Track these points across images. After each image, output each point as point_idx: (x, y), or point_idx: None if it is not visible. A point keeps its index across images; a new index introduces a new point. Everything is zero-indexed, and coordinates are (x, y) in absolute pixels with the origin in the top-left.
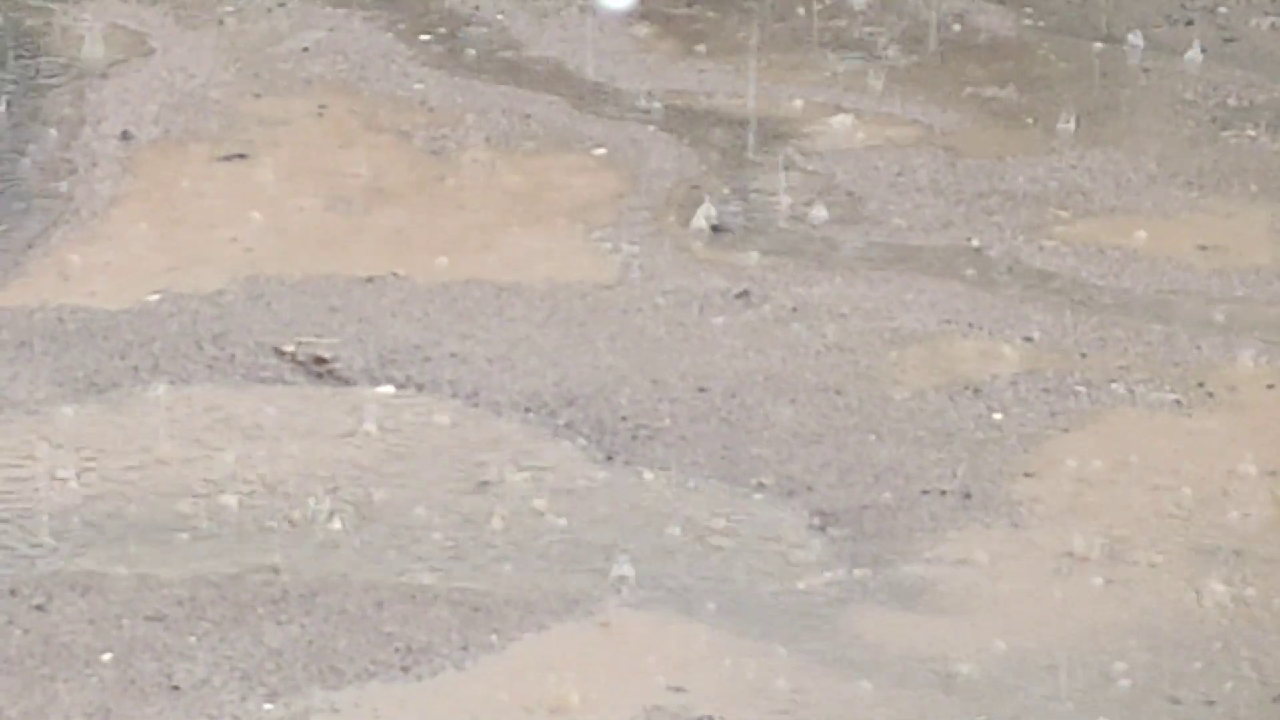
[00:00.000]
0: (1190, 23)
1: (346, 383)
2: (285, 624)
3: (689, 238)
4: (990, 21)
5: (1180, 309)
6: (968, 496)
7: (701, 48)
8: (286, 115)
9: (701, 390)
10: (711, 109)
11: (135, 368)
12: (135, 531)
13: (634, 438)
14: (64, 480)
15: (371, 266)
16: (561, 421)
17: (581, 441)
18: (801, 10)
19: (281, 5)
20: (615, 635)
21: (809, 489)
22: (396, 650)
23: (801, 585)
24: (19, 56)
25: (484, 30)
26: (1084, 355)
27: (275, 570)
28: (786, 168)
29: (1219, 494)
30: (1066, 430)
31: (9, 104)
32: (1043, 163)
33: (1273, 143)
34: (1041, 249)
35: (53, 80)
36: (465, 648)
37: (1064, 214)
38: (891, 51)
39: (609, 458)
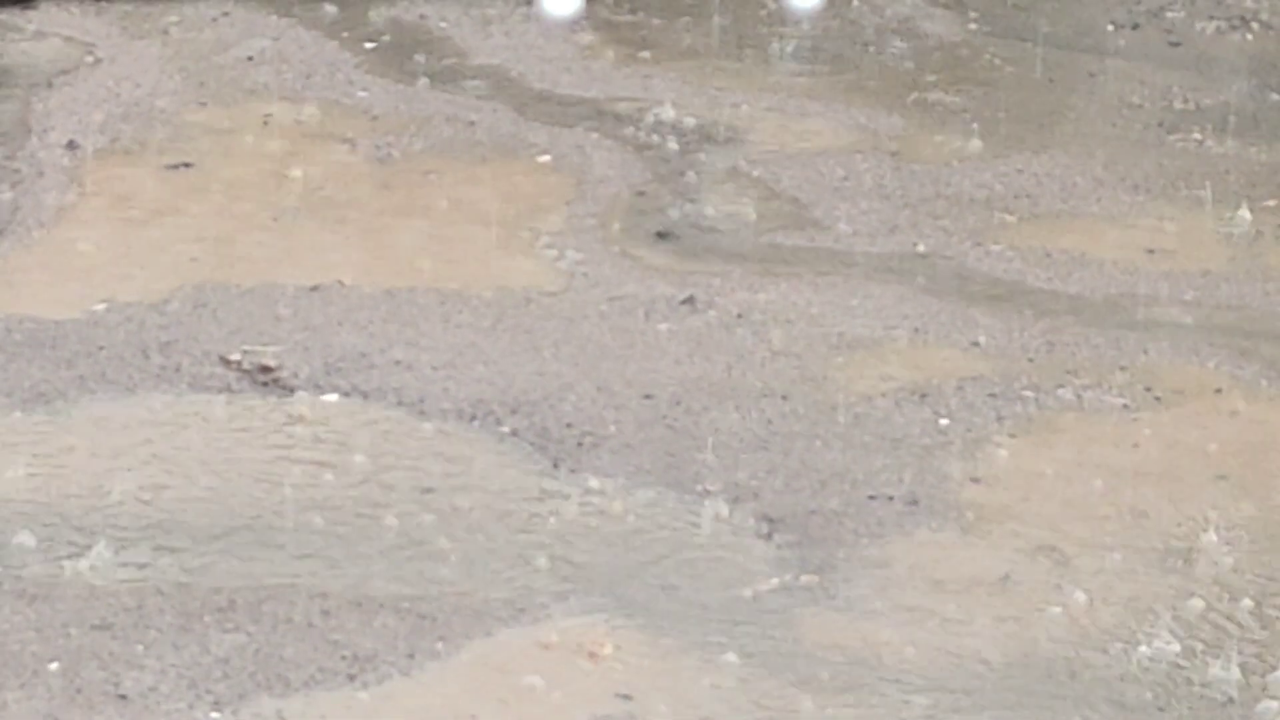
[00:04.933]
0: (1136, 27)
1: (292, 391)
2: (232, 632)
3: (634, 244)
4: (936, 27)
5: (1127, 313)
6: (914, 502)
7: (646, 54)
8: (232, 124)
9: (647, 397)
10: (657, 115)
11: (82, 377)
12: (82, 540)
13: (579, 445)
14: (10, 489)
15: (316, 275)
16: (507, 429)
17: (527, 449)
18: (746, 16)
19: (226, 15)
20: (562, 643)
21: (755, 495)
22: (343, 658)
23: (748, 592)
24: None
25: (428, 38)
26: (1031, 360)
27: (222, 578)
28: (731, 173)
29: (1168, 499)
30: (1014, 435)
31: None
32: (989, 167)
33: (1219, 146)
34: (988, 253)
35: None
36: (412, 655)
37: (1010, 218)
38: (836, 57)
39: (554, 465)
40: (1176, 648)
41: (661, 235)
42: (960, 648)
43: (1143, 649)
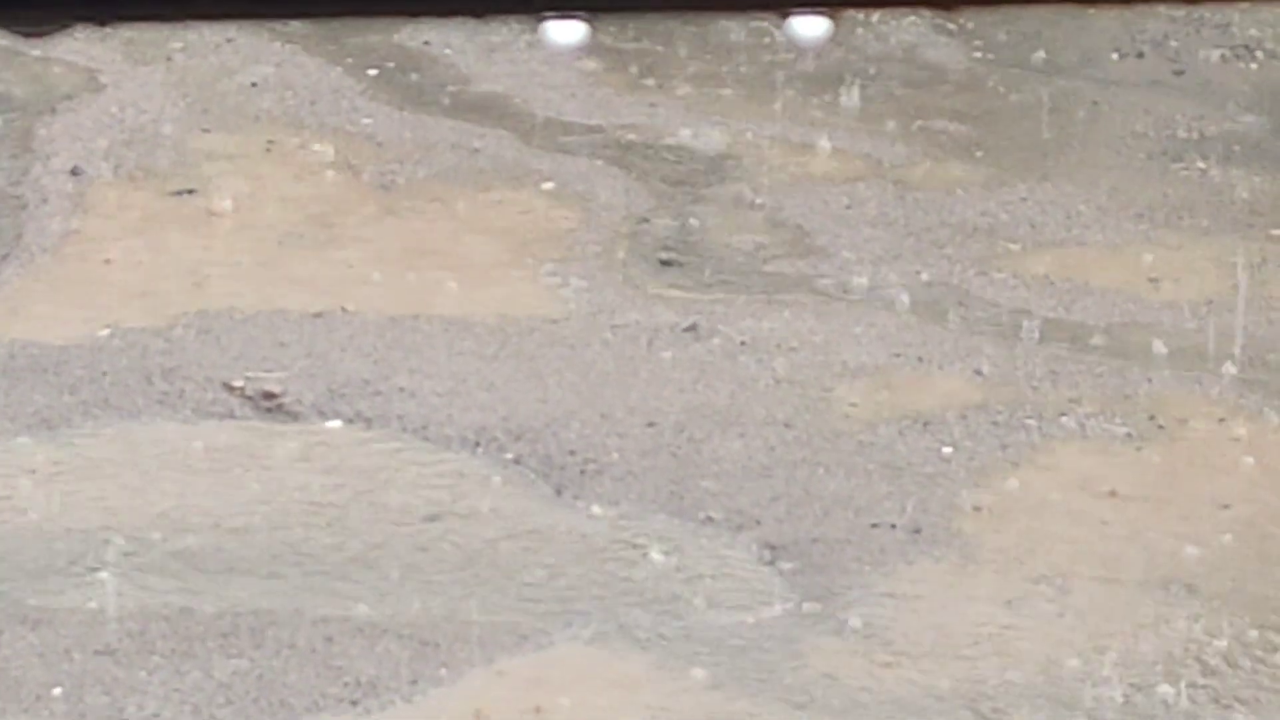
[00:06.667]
0: (1140, 55)
1: (295, 417)
2: (235, 658)
3: (638, 272)
4: (940, 55)
5: (1131, 342)
6: (917, 530)
7: (650, 82)
8: (236, 150)
9: (650, 424)
10: (660, 143)
11: (85, 403)
12: (86, 566)
13: (582, 472)
14: (13, 516)
15: (321, 301)
16: (510, 456)
17: (530, 475)
18: (750, 44)
19: (230, 41)
20: (565, 671)
21: (758, 522)
22: (346, 684)
23: (751, 619)
24: None
25: (432, 65)
26: (1034, 388)
27: (225, 604)
28: (735, 201)
29: (1171, 528)
30: (1017, 464)
31: None
32: (992, 195)
33: (1223, 175)
34: (991, 282)
35: (1, 117)
36: (415, 682)
37: (1014, 247)
38: (841, 85)
39: (557, 492)
40: (1180, 680)
41: (665, 263)
42: (963, 676)
43: (1147, 679)
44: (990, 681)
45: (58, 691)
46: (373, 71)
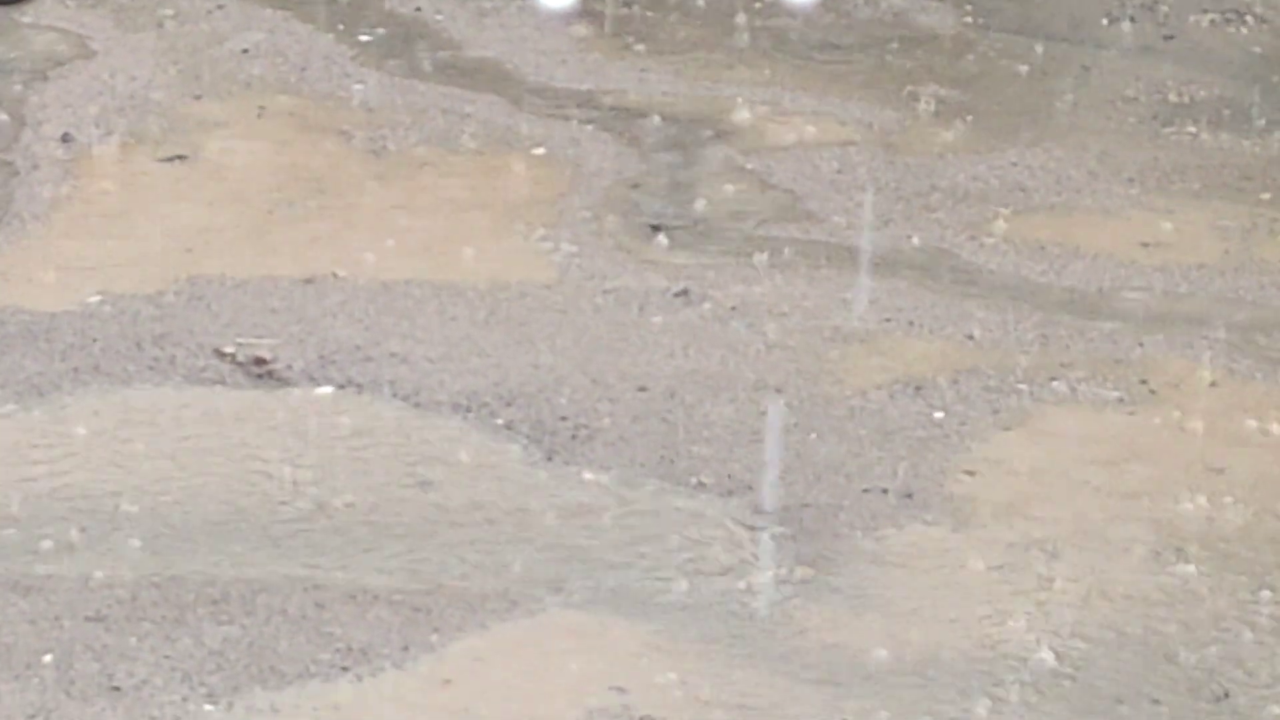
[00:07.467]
0: (1131, 20)
1: (287, 383)
2: (226, 624)
3: (629, 237)
4: (930, 20)
5: (1122, 306)
6: (909, 495)
7: (641, 47)
8: (227, 117)
9: (641, 389)
10: (651, 108)
11: (76, 369)
12: (77, 532)
13: (574, 437)
14: (3, 482)
15: (312, 267)
16: (501, 421)
17: (521, 441)
18: (740, 9)
19: (221, 8)
20: (556, 636)
21: (749, 488)
22: (337, 651)
23: (742, 584)
24: None
25: (424, 30)
26: (1026, 353)
27: (215, 570)
28: (726, 166)
29: (1162, 492)
30: (1008, 428)
31: None
32: (983, 160)
33: (1213, 139)
34: (982, 247)
35: None
36: (406, 648)
37: (1005, 211)
38: (831, 49)
39: (549, 457)
40: (1173, 643)
41: (656, 228)
42: (954, 641)
43: (1138, 645)
44: (982, 645)
45: (48, 658)
46: (364, 37)
